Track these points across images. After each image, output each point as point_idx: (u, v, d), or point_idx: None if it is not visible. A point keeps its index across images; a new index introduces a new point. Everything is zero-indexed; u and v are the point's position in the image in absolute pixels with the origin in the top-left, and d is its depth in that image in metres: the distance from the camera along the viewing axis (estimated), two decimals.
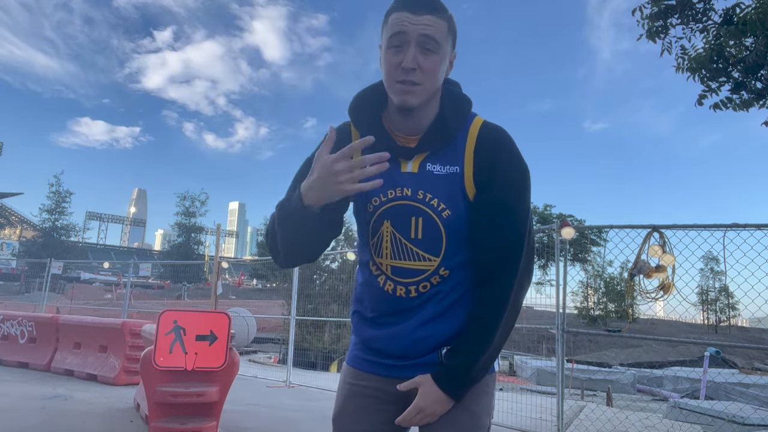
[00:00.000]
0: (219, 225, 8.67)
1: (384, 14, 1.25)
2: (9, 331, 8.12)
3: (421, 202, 1.27)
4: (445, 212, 1.27)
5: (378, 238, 1.32)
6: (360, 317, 1.43)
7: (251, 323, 18.09)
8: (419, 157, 1.28)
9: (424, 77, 1.19)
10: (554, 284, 5.51)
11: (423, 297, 1.31)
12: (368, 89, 1.35)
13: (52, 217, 53.27)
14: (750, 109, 5.80)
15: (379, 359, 1.36)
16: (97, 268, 60.52)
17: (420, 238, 1.28)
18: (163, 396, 3.89)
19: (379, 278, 1.34)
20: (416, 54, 1.18)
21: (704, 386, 12.42)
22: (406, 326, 1.32)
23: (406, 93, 1.20)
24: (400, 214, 1.29)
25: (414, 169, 1.28)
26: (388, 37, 1.21)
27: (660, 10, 5.74)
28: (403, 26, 1.18)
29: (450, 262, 1.30)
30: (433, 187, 1.27)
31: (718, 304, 40.15)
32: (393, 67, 1.20)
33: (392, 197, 1.29)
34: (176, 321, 4.07)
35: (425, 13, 1.18)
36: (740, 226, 4.64)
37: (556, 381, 5.27)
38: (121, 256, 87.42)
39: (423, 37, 1.18)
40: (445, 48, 1.22)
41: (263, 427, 4.89)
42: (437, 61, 1.20)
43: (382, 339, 1.35)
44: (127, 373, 6.50)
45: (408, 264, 1.30)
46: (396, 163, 1.28)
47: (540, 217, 37.29)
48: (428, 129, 1.28)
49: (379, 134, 1.28)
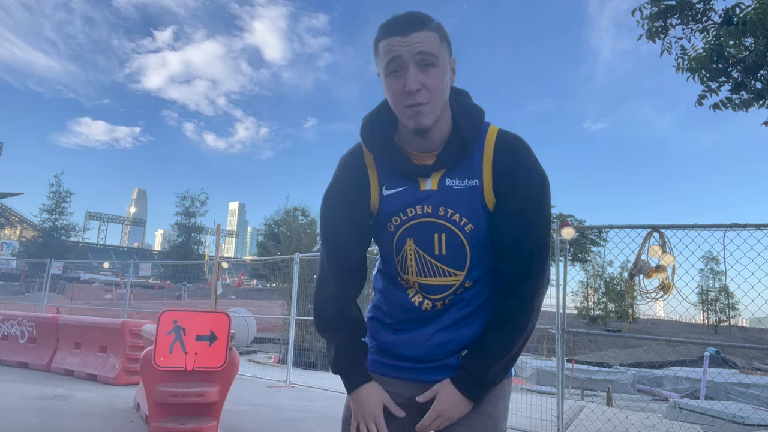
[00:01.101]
0: (219, 225, 8.67)
1: (373, 43, 1.23)
2: (9, 331, 8.12)
3: (443, 219, 1.27)
4: (468, 226, 1.27)
5: (402, 256, 1.33)
6: (378, 323, 1.42)
7: (251, 323, 18.08)
8: (438, 174, 1.27)
9: (431, 95, 1.18)
10: (554, 284, 5.51)
11: (446, 306, 1.33)
12: (377, 110, 1.33)
13: (52, 217, 53.34)
14: (750, 109, 5.80)
15: (398, 362, 1.37)
16: (97, 268, 60.56)
17: (444, 254, 1.29)
18: (163, 396, 3.89)
19: (409, 291, 1.35)
20: (417, 74, 1.17)
21: (704, 386, 12.43)
22: (426, 331, 1.33)
23: (417, 115, 1.19)
24: (423, 231, 1.29)
25: (434, 186, 1.27)
26: (384, 65, 1.20)
27: (660, 10, 5.74)
28: (396, 51, 1.17)
29: (473, 274, 1.31)
30: (454, 202, 1.26)
31: (718, 304, 40.16)
32: (398, 93, 1.19)
33: (413, 215, 1.29)
34: (176, 321, 4.08)
35: (413, 31, 1.17)
36: (740, 226, 4.64)
37: (556, 381, 5.27)
38: (121, 256, 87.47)
39: (419, 55, 1.16)
40: (443, 58, 1.21)
41: (263, 427, 4.89)
42: (439, 74, 1.19)
43: (401, 344, 1.36)
44: (127, 373, 6.50)
45: (435, 281, 1.31)
46: (414, 182, 1.28)
47: None
48: (445, 146, 1.26)
49: (393, 155, 1.29)
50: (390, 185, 1.31)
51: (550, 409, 6.02)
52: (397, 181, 1.30)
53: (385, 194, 1.31)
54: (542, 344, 21.15)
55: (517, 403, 6.04)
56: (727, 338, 31.55)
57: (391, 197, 1.30)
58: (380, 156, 1.31)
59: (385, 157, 1.30)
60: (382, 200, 1.32)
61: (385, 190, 1.31)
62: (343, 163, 1.36)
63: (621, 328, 26.17)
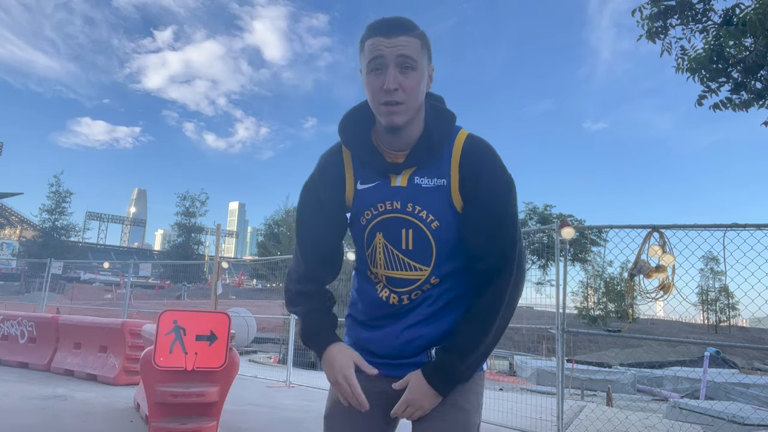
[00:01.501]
0: (219, 225, 8.68)
1: (359, 41, 1.31)
2: (9, 331, 8.13)
3: (411, 215, 1.33)
4: (434, 223, 1.33)
5: (372, 249, 1.40)
6: (353, 320, 1.50)
7: (251, 323, 18.08)
8: (408, 172, 1.35)
9: (407, 95, 1.26)
10: (554, 284, 5.51)
11: (414, 303, 1.38)
12: (355, 109, 1.41)
13: (52, 217, 53.31)
14: (750, 109, 5.79)
15: (371, 359, 1.41)
16: (97, 268, 60.54)
17: (411, 248, 1.35)
18: (163, 396, 3.89)
19: (377, 285, 1.42)
20: (396, 74, 1.24)
21: (704, 386, 12.43)
22: (395, 328, 1.38)
23: (392, 113, 1.26)
24: (391, 226, 1.36)
25: (403, 183, 1.34)
26: (367, 62, 1.27)
27: (660, 10, 5.74)
28: (380, 50, 1.24)
29: (440, 270, 1.36)
30: (421, 199, 1.33)
31: (718, 304, 40.15)
32: (376, 90, 1.26)
33: (383, 210, 1.36)
34: (176, 321, 4.08)
35: (398, 34, 1.24)
36: (740, 226, 4.64)
37: (556, 381, 5.27)
38: (121, 256, 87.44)
39: (400, 57, 1.24)
40: (422, 64, 1.28)
41: (263, 427, 4.89)
42: (417, 78, 1.26)
43: (373, 340, 1.42)
44: (127, 373, 6.50)
45: (401, 274, 1.37)
46: (386, 179, 1.36)
47: (540, 217, 37.30)
48: (415, 145, 1.34)
49: (368, 151, 1.36)
50: (364, 180, 1.39)
51: (550, 409, 6.02)
52: (370, 176, 1.38)
53: (360, 189, 1.39)
54: (542, 344, 21.16)
55: (517, 403, 6.04)
56: (727, 338, 31.55)
57: (364, 192, 1.38)
58: (356, 151, 1.38)
59: (360, 152, 1.37)
60: (356, 194, 1.40)
61: (359, 185, 1.39)
62: (323, 159, 1.45)
63: (621, 328, 26.16)
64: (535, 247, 27.62)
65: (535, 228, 7.74)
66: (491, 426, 5.47)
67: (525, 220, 38.12)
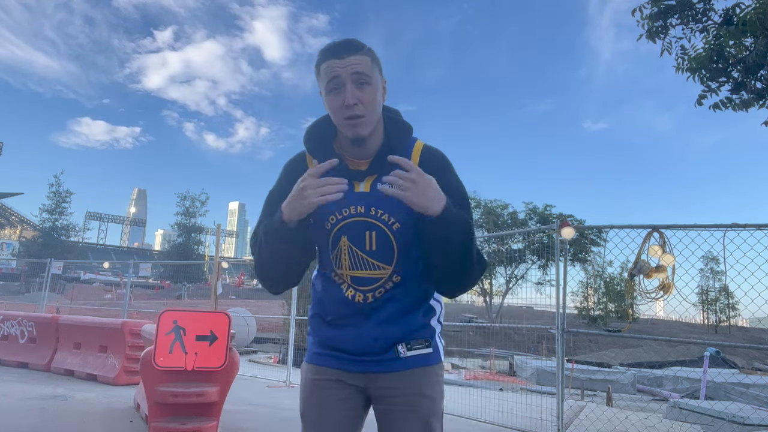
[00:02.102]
0: (219, 225, 8.67)
1: (314, 66, 1.42)
2: (9, 331, 8.12)
3: (374, 218, 1.43)
4: (395, 225, 1.43)
5: (337, 252, 1.47)
6: (320, 319, 1.55)
7: (251, 323, 18.09)
8: (370, 179, 1.45)
9: (366, 108, 1.36)
10: (554, 284, 5.51)
11: (379, 301, 1.46)
12: (319, 121, 1.52)
13: (52, 217, 53.21)
14: (750, 109, 5.79)
15: (339, 354, 1.49)
16: (97, 268, 60.54)
17: (374, 249, 1.44)
18: (163, 396, 3.89)
19: (342, 285, 1.48)
20: (354, 90, 1.35)
21: (704, 386, 12.42)
22: (363, 328, 1.46)
23: (355, 126, 1.37)
24: (356, 229, 1.44)
25: (366, 189, 1.45)
26: (325, 84, 1.38)
27: (660, 10, 5.74)
28: (335, 71, 1.36)
29: (401, 269, 1.46)
30: (383, 203, 1.42)
31: (718, 304, 40.16)
32: (338, 108, 1.37)
33: (347, 215, 1.45)
34: (176, 321, 4.07)
35: (349, 54, 1.36)
36: (740, 226, 4.64)
37: (556, 381, 5.27)
38: (121, 256, 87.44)
39: (355, 74, 1.35)
40: (375, 78, 1.39)
41: (263, 427, 4.89)
42: (372, 91, 1.38)
43: (340, 338, 1.48)
44: (127, 373, 6.50)
45: (365, 273, 1.46)
46: (350, 185, 1.43)
47: (540, 217, 37.26)
48: (376, 155, 1.45)
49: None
50: None
51: (550, 409, 6.02)
52: None
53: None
54: (542, 344, 21.16)
55: (517, 403, 6.04)
56: (727, 338, 31.57)
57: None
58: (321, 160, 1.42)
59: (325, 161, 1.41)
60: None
61: None
62: (286, 167, 1.55)
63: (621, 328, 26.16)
64: (535, 247, 27.60)
65: (535, 228, 7.75)
66: (491, 426, 5.46)
67: (525, 220, 38.07)
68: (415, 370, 1.46)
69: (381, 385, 1.47)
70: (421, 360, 1.47)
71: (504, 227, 35.82)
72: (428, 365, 1.48)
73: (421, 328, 1.50)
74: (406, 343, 1.46)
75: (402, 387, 1.45)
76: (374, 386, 1.47)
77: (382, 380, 1.47)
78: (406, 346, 1.46)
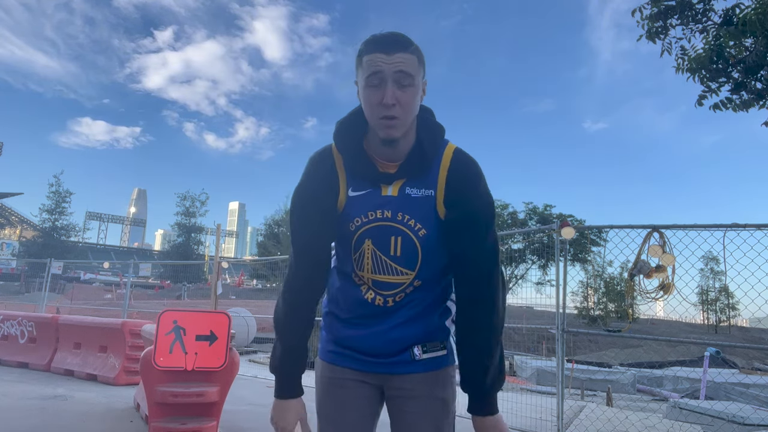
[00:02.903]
0: (219, 225, 8.67)
1: (357, 55, 1.35)
2: (9, 331, 8.12)
3: (400, 223, 1.39)
4: (421, 231, 1.39)
5: (360, 254, 1.44)
6: (334, 317, 1.53)
7: (251, 323, 18.07)
8: (399, 182, 1.40)
9: (403, 111, 1.30)
10: (554, 284, 5.51)
11: (398, 304, 1.44)
12: (350, 116, 1.45)
13: (52, 217, 53.30)
14: (750, 109, 5.79)
15: (355, 355, 1.48)
16: (97, 268, 60.53)
17: (399, 255, 1.41)
18: (163, 396, 3.89)
19: (362, 287, 1.46)
20: (394, 90, 1.28)
21: (704, 386, 12.42)
22: (380, 328, 1.44)
23: (389, 128, 1.31)
24: (381, 233, 1.40)
25: (394, 193, 1.40)
26: (365, 77, 1.31)
27: (660, 10, 5.74)
28: (379, 66, 1.28)
29: (423, 274, 1.43)
30: (411, 209, 1.39)
31: (718, 304, 40.14)
32: (375, 105, 1.30)
33: (373, 218, 1.40)
34: (176, 321, 4.07)
35: (397, 51, 1.28)
36: (740, 226, 4.63)
37: (556, 381, 5.27)
38: (121, 256, 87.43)
39: (398, 74, 1.28)
40: (418, 80, 1.33)
41: (263, 427, 4.89)
42: (413, 93, 1.31)
43: (356, 338, 1.47)
44: (127, 373, 6.50)
45: (387, 278, 1.43)
46: (377, 188, 1.41)
47: (540, 217, 37.26)
48: (407, 158, 1.39)
49: (361, 159, 1.41)
50: (356, 187, 1.42)
51: (550, 409, 6.02)
52: (361, 184, 1.42)
53: (351, 195, 1.42)
54: (542, 344, 21.15)
55: (517, 403, 6.04)
56: (727, 338, 31.56)
57: (355, 199, 1.42)
58: (349, 159, 1.42)
59: (354, 160, 1.41)
60: (348, 200, 1.43)
61: (351, 192, 1.43)
62: (314, 162, 1.46)
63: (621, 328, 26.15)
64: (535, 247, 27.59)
65: (535, 228, 7.74)
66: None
67: (525, 220, 38.07)
68: (429, 373, 1.46)
69: (395, 386, 1.47)
70: (435, 362, 1.47)
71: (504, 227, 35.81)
72: (442, 367, 1.48)
73: (437, 329, 1.48)
74: (421, 346, 1.45)
75: (415, 389, 1.45)
76: (388, 386, 1.48)
77: (396, 381, 1.47)
78: (422, 349, 1.45)
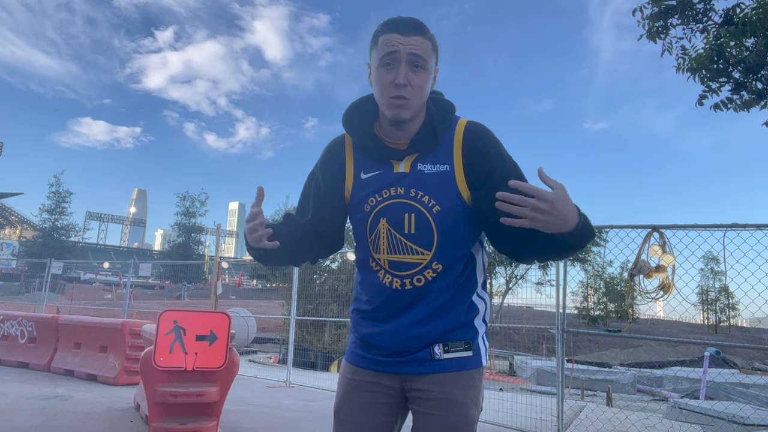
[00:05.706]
0: (219, 225, 8.67)
1: (372, 36, 1.37)
2: (9, 331, 8.12)
3: (413, 200, 1.38)
4: (435, 208, 1.37)
5: (375, 235, 1.42)
6: (358, 314, 1.51)
7: (251, 323, 18.09)
8: (410, 158, 1.40)
9: (414, 92, 1.32)
10: (554, 284, 5.51)
11: (417, 292, 1.39)
12: (360, 101, 1.47)
13: (52, 217, 53.28)
14: (750, 109, 5.79)
15: (375, 356, 1.45)
16: (97, 268, 60.49)
17: (413, 232, 1.38)
18: (163, 396, 3.89)
19: (379, 273, 1.43)
20: (407, 71, 1.31)
21: (704, 386, 12.42)
22: (400, 324, 1.40)
23: (398, 107, 1.32)
24: (395, 211, 1.39)
25: (406, 170, 1.39)
26: (380, 57, 1.33)
27: (660, 10, 5.74)
28: (394, 46, 1.31)
29: (442, 257, 1.38)
30: (424, 185, 1.37)
31: (718, 304, 40.13)
32: (386, 84, 1.32)
33: (387, 196, 1.40)
34: (176, 321, 4.07)
35: (413, 34, 1.31)
36: (740, 226, 4.63)
37: (556, 381, 5.27)
38: (121, 256, 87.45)
39: (412, 56, 1.31)
40: (431, 64, 1.35)
41: (263, 427, 4.89)
42: (425, 76, 1.33)
43: (378, 335, 1.44)
44: (127, 373, 6.50)
45: (403, 258, 1.40)
46: (389, 166, 1.41)
47: None
48: (417, 132, 1.39)
49: (371, 141, 1.42)
50: (367, 170, 1.44)
51: (550, 409, 6.02)
52: (373, 165, 1.43)
53: (363, 178, 1.44)
54: (542, 344, 21.15)
55: (517, 403, 6.04)
56: (727, 338, 31.55)
57: (368, 180, 1.43)
58: (358, 139, 1.43)
59: (363, 141, 1.42)
60: (359, 184, 1.44)
61: (363, 175, 1.44)
62: (325, 150, 1.53)
63: (621, 328, 26.17)
64: None
65: None
66: (491, 426, 5.46)
67: None
68: (449, 374, 1.38)
69: (414, 386, 1.41)
70: (457, 363, 1.39)
71: None
72: (465, 369, 1.40)
73: (461, 327, 1.41)
74: (443, 344, 1.39)
75: (433, 390, 1.37)
76: (408, 386, 1.43)
77: (415, 381, 1.41)
78: (443, 347, 1.39)
